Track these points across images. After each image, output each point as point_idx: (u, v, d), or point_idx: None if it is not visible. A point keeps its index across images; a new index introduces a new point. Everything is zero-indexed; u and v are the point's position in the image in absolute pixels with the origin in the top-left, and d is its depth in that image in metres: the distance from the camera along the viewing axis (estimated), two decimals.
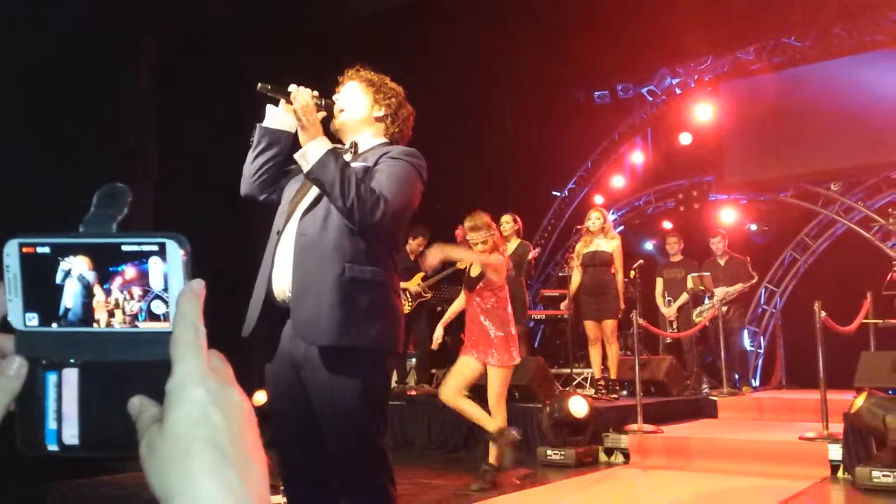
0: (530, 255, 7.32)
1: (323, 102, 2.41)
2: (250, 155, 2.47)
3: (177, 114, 6.84)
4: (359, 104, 2.52)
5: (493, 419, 4.74)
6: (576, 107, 11.45)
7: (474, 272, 4.84)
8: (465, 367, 4.81)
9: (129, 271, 0.58)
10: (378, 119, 2.53)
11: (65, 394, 0.57)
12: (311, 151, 2.23)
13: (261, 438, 0.56)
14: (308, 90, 2.33)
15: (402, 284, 8.13)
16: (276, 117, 2.44)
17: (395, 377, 8.51)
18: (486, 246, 4.65)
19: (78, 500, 4.58)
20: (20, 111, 5.18)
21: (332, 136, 2.47)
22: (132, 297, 0.58)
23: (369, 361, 2.28)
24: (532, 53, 9.25)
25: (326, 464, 2.31)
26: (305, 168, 2.24)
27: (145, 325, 0.58)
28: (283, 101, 2.40)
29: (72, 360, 0.57)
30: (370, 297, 2.28)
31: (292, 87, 2.32)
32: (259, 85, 2.32)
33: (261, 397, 7.05)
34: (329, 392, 2.23)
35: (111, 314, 0.58)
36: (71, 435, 0.57)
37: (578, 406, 5.73)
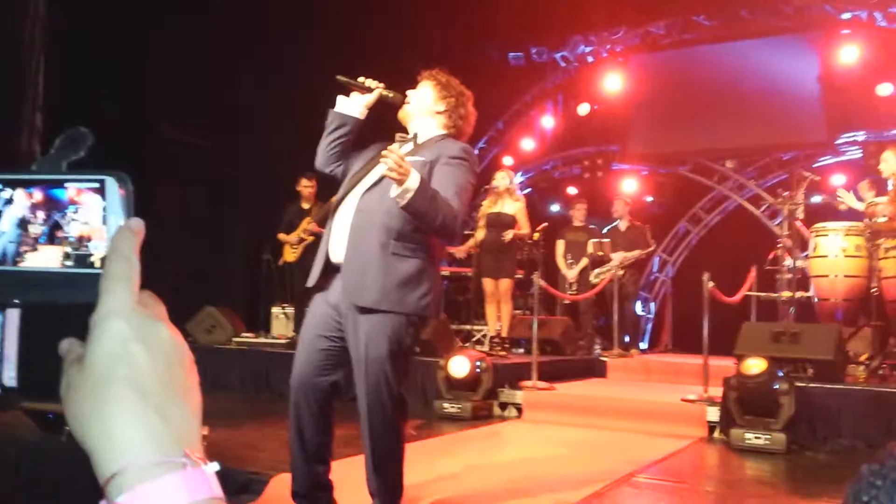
0: None
1: (391, 95, 2.90)
2: (325, 134, 2.92)
3: (66, 52, 6.45)
4: (424, 98, 2.98)
5: None
6: (489, 66, 11.43)
7: None
8: None
9: (37, 195, 0.56)
10: (438, 112, 2.97)
11: (7, 334, 0.56)
12: (406, 191, 2.52)
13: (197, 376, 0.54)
14: (378, 89, 2.88)
15: (283, 237, 8.06)
16: (347, 105, 2.91)
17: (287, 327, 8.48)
18: None
19: None
20: None
21: (398, 125, 2.98)
22: (37, 220, 0.57)
23: (400, 323, 2.73)
24: (447, 8, 9.14)
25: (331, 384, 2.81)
26: (402, 204, 2.55)
27: (87, 267, 0.57)
28: (353, 92, 2.88)
29: (15, 301, 0.56)
30: (408, 269, 2.72)
31: (369, 82, 2.89)
32: (337, 77, 2.84)
33: None
34: (364, 345, 2.70)
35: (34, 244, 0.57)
36: (10, 377, 0.56)
37: (459, 367, 5.91)
